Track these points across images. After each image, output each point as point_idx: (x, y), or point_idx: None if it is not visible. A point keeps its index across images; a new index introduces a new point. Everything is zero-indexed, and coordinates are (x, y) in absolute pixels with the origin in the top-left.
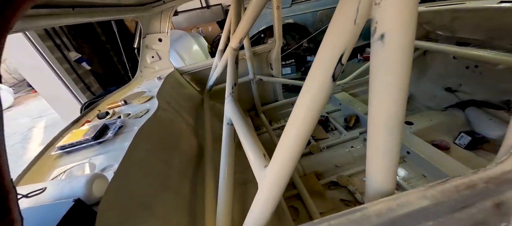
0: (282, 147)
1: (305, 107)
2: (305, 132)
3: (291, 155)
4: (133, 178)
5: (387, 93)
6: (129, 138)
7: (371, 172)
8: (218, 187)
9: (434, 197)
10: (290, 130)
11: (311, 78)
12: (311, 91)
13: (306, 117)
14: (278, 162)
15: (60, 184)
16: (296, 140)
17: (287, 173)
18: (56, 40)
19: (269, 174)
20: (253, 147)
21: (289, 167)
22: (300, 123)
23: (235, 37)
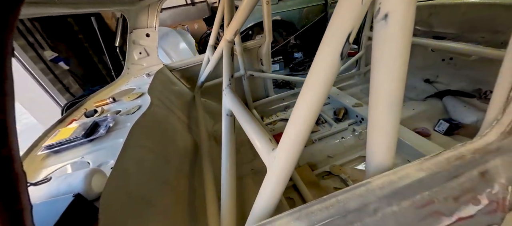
0: (293, 126)
1: (314, 86)
2: (315, 110)
3: (302, 132)
4: (131, 173)
5: (389, 70)
6: (123, 134)
7: (372, 148)
8: (221, 180)
9: (429, 169)
10: (301, 108)
11: (320, 57)
12: (320, 70)
13: (316, 95)
14: (289, 141)
15: (56, 181)
16: (307, 118)
17: (297, 151)
18: (29, 38)
19: (279, 155)
20: (258, 132)
21: (300, 145)
22: (309, 101)
23: (230, 30)
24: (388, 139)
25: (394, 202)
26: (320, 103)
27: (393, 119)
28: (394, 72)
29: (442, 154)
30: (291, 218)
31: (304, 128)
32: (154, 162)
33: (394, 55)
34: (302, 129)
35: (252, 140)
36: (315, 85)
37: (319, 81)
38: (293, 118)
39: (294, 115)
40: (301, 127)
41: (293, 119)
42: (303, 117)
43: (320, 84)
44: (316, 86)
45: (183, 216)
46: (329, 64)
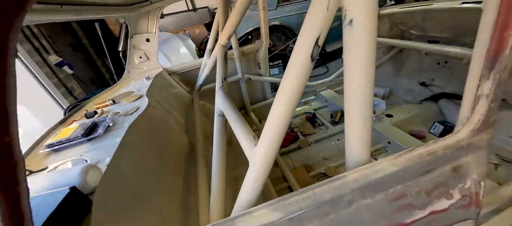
0: (270, 122)
1: (289, 85)
2: (290, 107)
3: (279, 128)
4: (126, 170)
5: (358, 70)
6: (120, 134)
7: (349, 144)
8: (211, 186)
9: (402, 164)
10: (277, 106)
11: (294, 59)
12: (294, 71)
13: (291, 93)
14: (267, 137)
15: (54, 175)
16: (283, 114)
17: (275, 146)
18: (35, 43)
19: (259, 150)
20: (243, 130)
21: (277, 140)
22: (285, 99)
23: (223, 34)
24: (363, 135)
25: (368, 194)
26: (295, 101)
27: (365, 116)
28: (362, 71)
29: (415, 149)
30: (269, 209)
31: (281, 124)
32: (149, 160)
33: (362, 57)
34: (279, 125)
35: (238, 138)
36: (290, 86)
37: (293, 82)
38: (271, 116)
39: (272, 113)
40: (278, 123)
41: (271, 117)
42: (280, 114)
43: (294, 85)
44: (290, 87)
45: (177, 213)
46: (301, 66)
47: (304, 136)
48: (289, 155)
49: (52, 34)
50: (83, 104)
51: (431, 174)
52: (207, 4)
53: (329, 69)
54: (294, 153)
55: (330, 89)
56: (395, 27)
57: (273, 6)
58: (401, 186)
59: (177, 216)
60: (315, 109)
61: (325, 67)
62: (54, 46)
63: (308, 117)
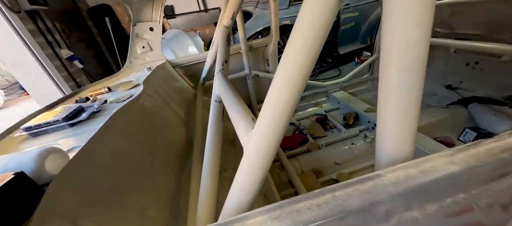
0: (276, 91)
1: (304, 33)
2: (306, 66)
3: (288, 98)
4: (102, 159)
5: (405, 30)
6: (105, 120)
7: (384, 132)
8: (201, 179)
9: (464, 162)
10: (285, 65)
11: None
12: (312, 12)
13: (307, 43)
14: (270, 111)
15: (5, 158)
16: (294, 78)
17: (281, 122)
18: (48, 36)
19: (256, 132)
20: (240, 111)
21: (285, 115)
22: (299, 51)
23: (226, 13)
24: (407, 120)
25: (415, 204)
26: (312, 59)
27: (414, 92)
28: (412, 33)
29: (482, 143)
30: (268, 217)
31: (291, 91)
32: (135, 152)
33: (414, 10)
34: (288, 92)
35: (233, 122)
36: (306, 33)
37: (310, 29)
38: (276, 81)
39: (278, 76)
40: (287, 89)
41: (276, 82)
42: (288, 76)
43: (313, 32)
44: (306, 34)
45: (163, 214)
46: (324, 5)
47: (314, 138)
48: (297, 158)
49: (66, 29)
50: (77, 92)
51: (508, 179)
52: (218, 5)
53: (341, 72)
54: (302, 156)
55: (344, 91)
56: None
57: (285, 5)
58: (464, 195)
59: (162, 219)
60: (327, 111)
61: (338, 70)
62: (67, 41)
63: (319, 118)
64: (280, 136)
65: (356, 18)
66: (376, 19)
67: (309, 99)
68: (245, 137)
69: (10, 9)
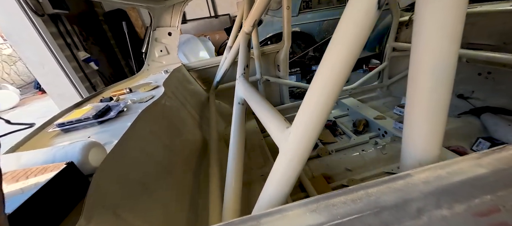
0: (313, 93)
1: (344, 39)
2: (344, 70)
3: (325, 99)
4: (133, 155)
5: (437, 40)
6: (131, 119)
7: (411, 135)
8: (226, 176)
9: (491, 165)
10: (325, 70)
11: (353, 5)
12: (352, 19)
13: (345, 50)
14: (309, 111)
15: (53, 149)
16: (332, 80)
17: (317, 123)
18: (67, 39)
19: (294, 131)
20: (272, 113)
21: (321, 115)
22: (337, 58)
23: (248, 21)
24: (435, 124)
25: (444, 203)
26: (350, 62)
27: (444, 93)
28: (447, 26)
29: (507, 148)
30: (306, 210)
31: (328, 92)
32: (159, 150)
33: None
34: (325, 93)
35: (264, 123)
36: (345, 40)
37: (350, 36)
38: (314, 84)
39: (317, 79)
40: (324, 91)
41: (314, 85)
42: (327, 80)
43: (352, 39)
44: (346, 41)
45: (184, 210)
46: (363, 13)
47: (323, 144)
48: (307, 163)
49: (83, 32)
50: (100, 92)
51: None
52: (228, 12)
53: (350, 80)
54: (312, 160)
55: (353, 97)
56: None
57: (294, 12)
58: (490, 196)
59: (183, 215)
60: (336, 117)
61: None
62: (84, 44)
63: (328, 124)
64: (317, 134)
65: None
66: (384, 27)
67: None
68: (280, 135)
69: (34, 12)
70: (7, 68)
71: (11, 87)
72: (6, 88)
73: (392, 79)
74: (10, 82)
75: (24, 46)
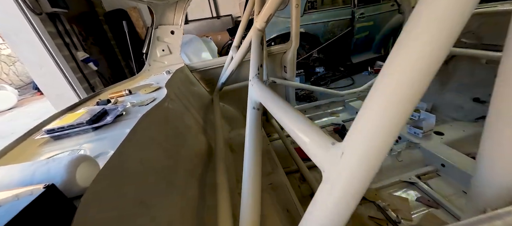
0: (381, 100)
1: (426, 37)
2: (426, 79)
3: (399, 112)
4: (132, 168)
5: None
6: (131, 125)
7: (495, 155)
8: (242, 189)
9: None
10: (402, 67)
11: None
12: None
13: (429, 51)
14: (372, 127)
15: (33, 165)
16: (414, 80)
17: (385, 144)
18: (66, 38)
19: (349, 151)
20: (305, 124)
21: (392, 132)
22: (418, 57)
23: (261, 17)
24: None
25: None
26: (434, 68)
27: None
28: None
29: None
30: None
31: (405, 96)
32: (161, 160)
33: None
34: (401, 98)
35: (295, 135)
36: (430, 38)
37: (436, 31)
38: (384, 86)
39: (388, 80)
40: (400, 93)
41: (384, 87)
42: (408, 77)
43: (438, 36)
44: (431, 40)
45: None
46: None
47: None
48: (317, 169)
49: (83, 32)
50: (97, 93)
51: None
52: (230, 12)
53: (355, 82)
54: None
55: (361, 100)
56: None
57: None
58: None
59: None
60: (344, 121)
61: (350, 79)
62: (83, 44)
63: (337, 128)
64: (384, 156)
65: (370, 28)
66: (390, 29)
67: (325, 108)
68: (323, 154)
69: (32, 11)
70: (6, 69)
71: (9, 88)
72: (4, 89)
73: None
74: (8, 83)
75: (21, 46)
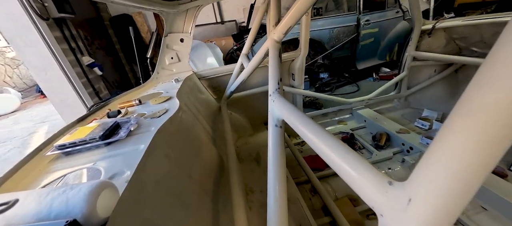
0: (461, 136)
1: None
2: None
3: (490, 147)
4: (149, 190)
5: None
6: (145, 140)
7: None
8: (268, 212)
9: None
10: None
11: None
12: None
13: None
14: (450, 164)
15: (49, 195)
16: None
17: (468, 190)
18: (72, 43)
19: (418, 196)
20: (346, 152)
21: (479, 175)
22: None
23: (280, 28)
24: None
25: None
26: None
27: None
28: None
29: None
30: None
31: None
32: (175, 178)
33: None
34: (493, 132)
35: (337, 167)
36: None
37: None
38: (458, 115)
39: (464, 106)
40: (493, 127)
41: (458, 117)
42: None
43: None
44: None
45: None
46: None
47: None
48: (327, 180)
49: (88, 37)
50: (106, 103)
51: None
52: (235, 18)
53: (360, 88)
54: (333, 179)
55: (369, 108)
56: (452, 43)
57: None
58: None
59: None
60: (352, 130)
61: (355, 86)
62: (88, 49)
63: (345, 137)
64: (465, 205)
65: (375, 34)
66: (395, 35)
67: (332, 116)
68: (380, 196)
69: (39, 16)
70: (10, 71)
71: (13, 91)
72: (8, 91)
73: (411, 89)
74: (12, 86)
75: (27, 50)
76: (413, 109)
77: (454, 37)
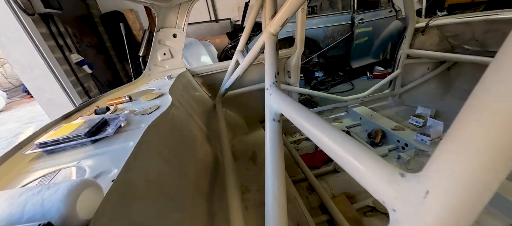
0: (484, 126)
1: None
2: None
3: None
4: (138, 190)
5: None
6: (134, 137)
7: None
8: (266, 210)
9: None
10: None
11: None
12: None
13: None
14: (477, 152)
15: (22, 196)
16: None
17: (491, 183)
18: (59, 40)
19: (436, 190)
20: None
21: (503, 167)
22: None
23: (276, 20)
24: None
25: None
26: None
27: None
28: None
29: None
30: None
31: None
32: (168, 177)
33: None
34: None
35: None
36: None
37: None
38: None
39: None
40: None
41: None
42: None
43: None
44: None
45: None
46: None
47: None
48: (324, 178)
49: (77, 34)
50: (94, 100)
51: None
52: (229, 16)
53: (354, 86)
54: (330, 176)
55: (364, 106)
56: (444, 41)
57: None
58: None
59: None
60: (348, 127)
61: (350, 84)
62: (77, 46)
63: None
64: (486, 201)
65: (369, 33)
66: (388, 34)
67: (328, 114)
68: (391, 189)
69: (24, 11)
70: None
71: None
72: None
73: (405, 87)
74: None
75: (11, 48)
76: (407, 107)
77: (447, 35)
